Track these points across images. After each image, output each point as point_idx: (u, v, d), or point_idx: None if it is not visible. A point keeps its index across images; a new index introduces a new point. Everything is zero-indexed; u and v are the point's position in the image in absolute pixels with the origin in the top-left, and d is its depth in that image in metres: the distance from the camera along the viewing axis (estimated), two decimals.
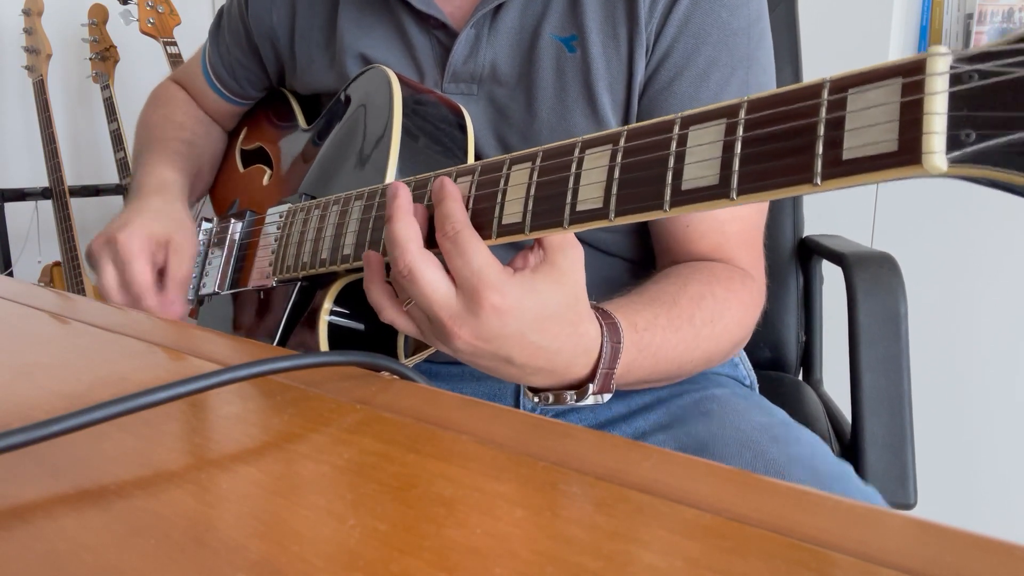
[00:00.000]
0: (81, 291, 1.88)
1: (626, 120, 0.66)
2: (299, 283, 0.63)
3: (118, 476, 0.29)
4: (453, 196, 0.45)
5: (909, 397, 0.75)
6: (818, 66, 1.21)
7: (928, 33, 1.60)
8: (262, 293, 0.69)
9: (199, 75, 0.92)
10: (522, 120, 0.67)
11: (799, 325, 1.01)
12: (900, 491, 0.72)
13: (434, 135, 0.62)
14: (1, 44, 2.09)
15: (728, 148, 0.34)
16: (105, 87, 1.98)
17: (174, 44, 1.90)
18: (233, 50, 0.87)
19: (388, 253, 0.45)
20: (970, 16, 1.55)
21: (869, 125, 0.29)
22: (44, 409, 0.36)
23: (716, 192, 0.34)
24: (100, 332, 0.51)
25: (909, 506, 0.71)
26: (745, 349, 0.78)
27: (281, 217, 0.67)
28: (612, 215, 0.38)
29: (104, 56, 1.99)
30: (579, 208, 0.40)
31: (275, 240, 0.66)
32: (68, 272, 1.90)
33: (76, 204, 1.96)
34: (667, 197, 0.36)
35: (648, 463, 0.29)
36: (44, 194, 1.97)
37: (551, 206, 0.41)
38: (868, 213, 1.56)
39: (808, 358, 1.01)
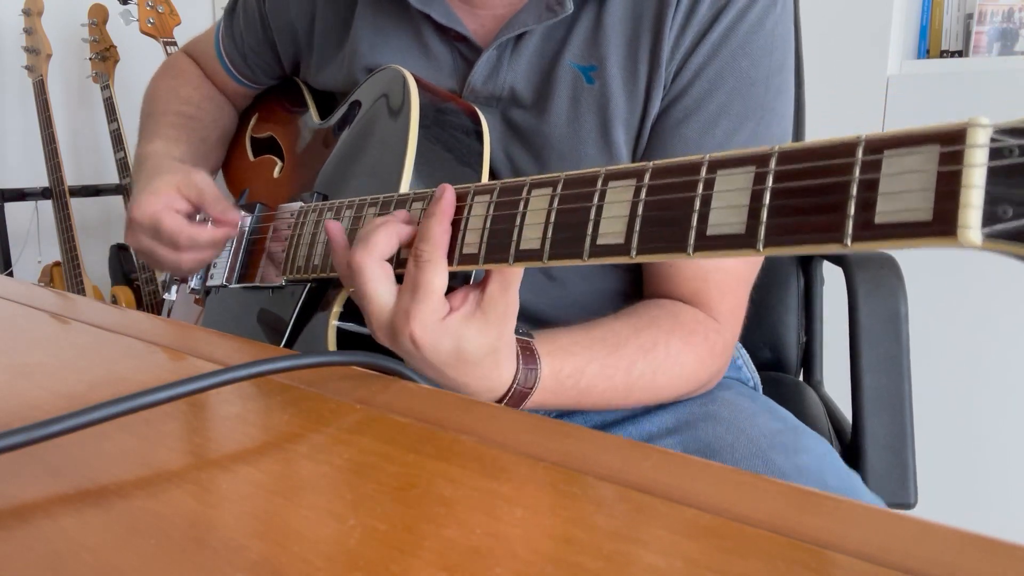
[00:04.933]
0: (81, 291, 1.88)
1: (635, 154, 0.65)
2: (308, 284, 0.63)
3: (118, 476, 0.29)
4: (443, 214, 0.45)
5: (910, 397, 0.74)
6: (818, 66, 1.21)
7: (928, 33, 1.60)
8: (271, 291, 0.69)
9: (212, 55, 0.90)
10: (533, 142, 0.66)
11: (800, 326, 1.01)
12: (900, 491, 0.72)
13: (450, 143, 0.61)
14: (1, 44, 2.09)
15: (756, 197, 0.33)
16: (105, 87, 1.98)
17: (174, 44, 1.90)
18: (247, 37, 0.86)
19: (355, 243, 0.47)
20: (970, 16, 1.55)
21: (904, 191, 0.28)
22: (44, 409, 0.36)
23: (742, 241, 0.33)
24: (100, 332, 0.51)
25: (909, 506, 0.71)
26: (746, 350, 0.78)
27: (292, 216, 0.66)
28: (634, 252, 0.37)
29: (104, 56, 1.99)
30: (600, 242, 0.38)
31: (286, 239, 0.66)
32: (68, 272, 1.91)
33: (76, 204, 1.96)
34: (691, 241, 0.35)
35: (648, 463, 0.29)
36: (44, 194, 1.97)
37: (572, 235, 0.40)
38: None
39: (808, 359, 1.01)
